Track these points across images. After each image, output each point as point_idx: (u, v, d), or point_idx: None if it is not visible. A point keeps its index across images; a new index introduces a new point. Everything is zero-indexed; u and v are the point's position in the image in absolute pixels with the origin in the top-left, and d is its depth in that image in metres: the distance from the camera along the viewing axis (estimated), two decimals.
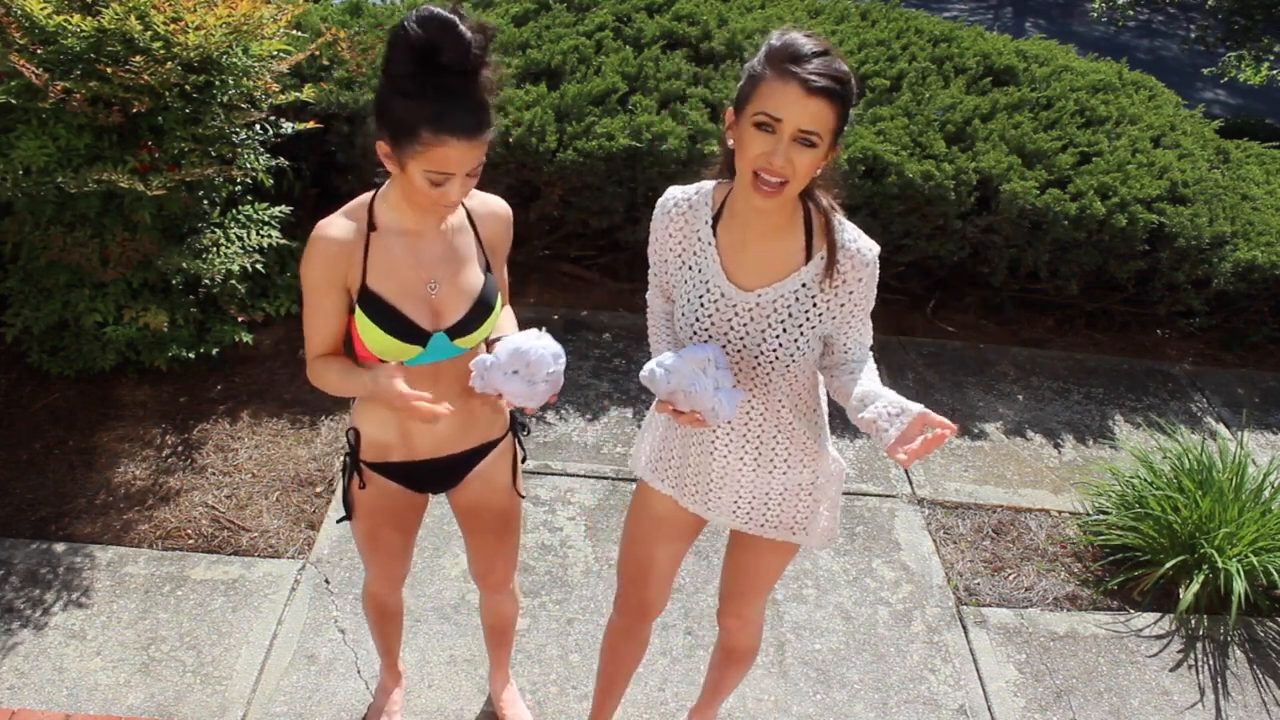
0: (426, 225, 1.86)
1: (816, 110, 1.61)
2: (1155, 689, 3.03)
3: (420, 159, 1.66)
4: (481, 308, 1.91)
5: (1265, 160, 5.36)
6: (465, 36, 1.60)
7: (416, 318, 1.86)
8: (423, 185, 1.70)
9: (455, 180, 1.70)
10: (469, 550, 2.31)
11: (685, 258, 1.88)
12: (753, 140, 1.65)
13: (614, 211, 4.18)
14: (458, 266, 1.89)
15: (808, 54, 1.61)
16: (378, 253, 1.83)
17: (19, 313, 3.37)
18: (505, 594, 2.39)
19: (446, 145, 1.64)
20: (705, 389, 1.74)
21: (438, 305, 1.88)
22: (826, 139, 1.64)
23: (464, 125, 1.64)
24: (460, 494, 2.17)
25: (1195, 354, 4.86)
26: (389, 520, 2.14)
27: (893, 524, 3.51)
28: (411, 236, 1.85)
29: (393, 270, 1.84)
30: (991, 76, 4.78)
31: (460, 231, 1.91)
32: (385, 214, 1.84)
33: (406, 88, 1.63)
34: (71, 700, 2.61)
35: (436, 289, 1.87)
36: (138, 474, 3.32)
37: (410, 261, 1.85)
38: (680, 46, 4.49)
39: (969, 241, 4.33)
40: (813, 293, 1.81)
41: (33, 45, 3.00)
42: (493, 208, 1.96)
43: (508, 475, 2.17)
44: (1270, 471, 3.55)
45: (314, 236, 1.81)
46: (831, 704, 2.84)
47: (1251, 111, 9.48)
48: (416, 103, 1.62)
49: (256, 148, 3.57)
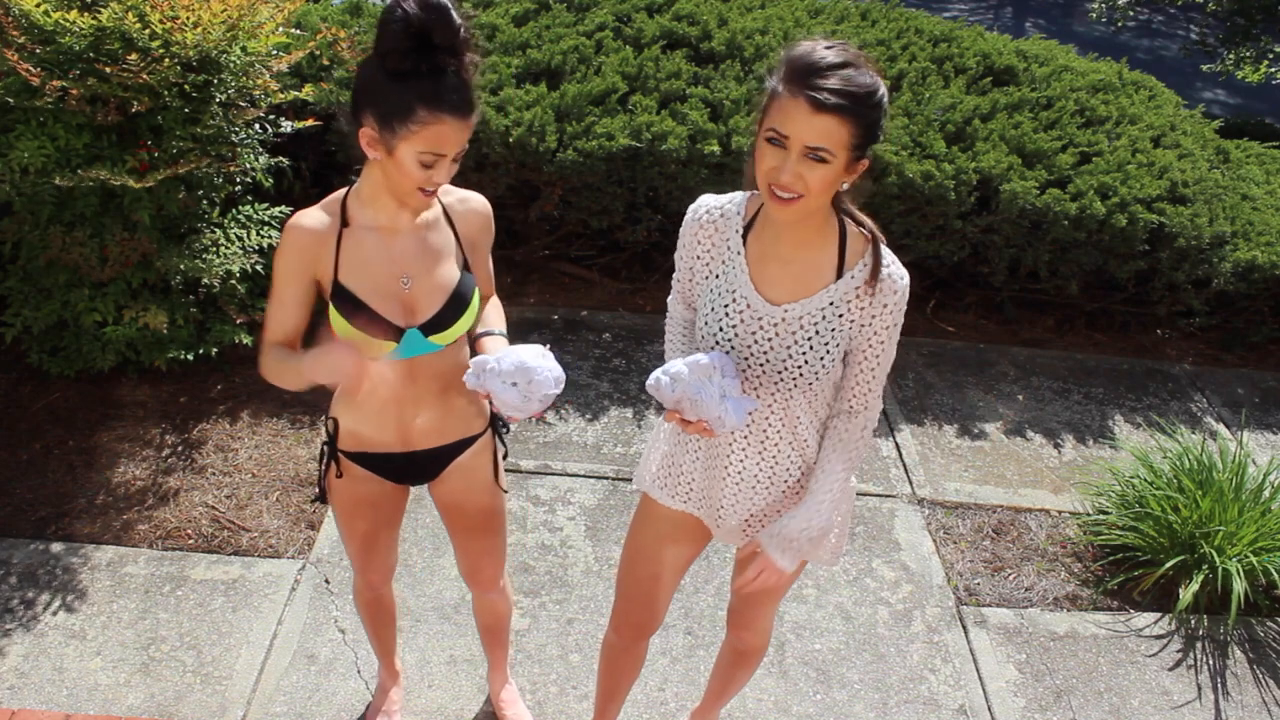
0: (401, 221, 1.87)
1: (825, 127, 1.58)
2: (1155, 689, 3.03)
3: (414, 139, 1.68)
4: (456, 304, 1.91)
5: (1265, 160, 5.36)
6: (456, 20, 1.65)
7: (388, 313, 1.87)
8: (412, 169, 1.71)
9: (444, 162, 1.72)
10: (456, 549, 2.31)
11: (713, 267, 1.86)
12: (764, 154, 1.65)
13: (614, 211, 4.18)
14: (432, 263, 1.89)
15: (823, 67, 1.58)
16: (350, 248, 1.85)
17: (18, 313, 3.37)
18: (496, 592, 2.38)
19: (442, 123, 1.67)
20: (711, 397, 1.72)
21: (411, 301, 1.89)
22: (840, 154, 1.61)
23: (458, 103, 1.67)
24: (441, 490, 2.17)
25: (1195, 354, 4.86)
26: (367, 511, 2.14)
27: (893, 524, 3.51)
28: (385, 233, 1.86)
29: (365, 266, 1.85)
30: (991, 76, 4.78)
31: (435, 228, 1.91)
32: (358, 210, 1.86)
33: (401, 67, 1.65)
34: (71, 700, 2.61)
35: (410, 284, 1.88)
36: (138, 474, 3.32)
37: (383, 257, 1.86)
38: (680, 46, 4.49)
39: (969, 241, 4.33)
40: (840, 311, 1.79)
41: (31, 44, 3.00)
42: (471, 204, 1.96)
43: (489, 471, 2.17)
44: (1270, 471, 3.56)
45: (288, 225, 1.84)
46: (831, 704, 2.84)
47: (1251, 111, 9.49)
48: (412, 82, 1.65)
49: (256, 147, 3.57)
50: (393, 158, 1.72)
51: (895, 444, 3.90)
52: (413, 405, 1.99)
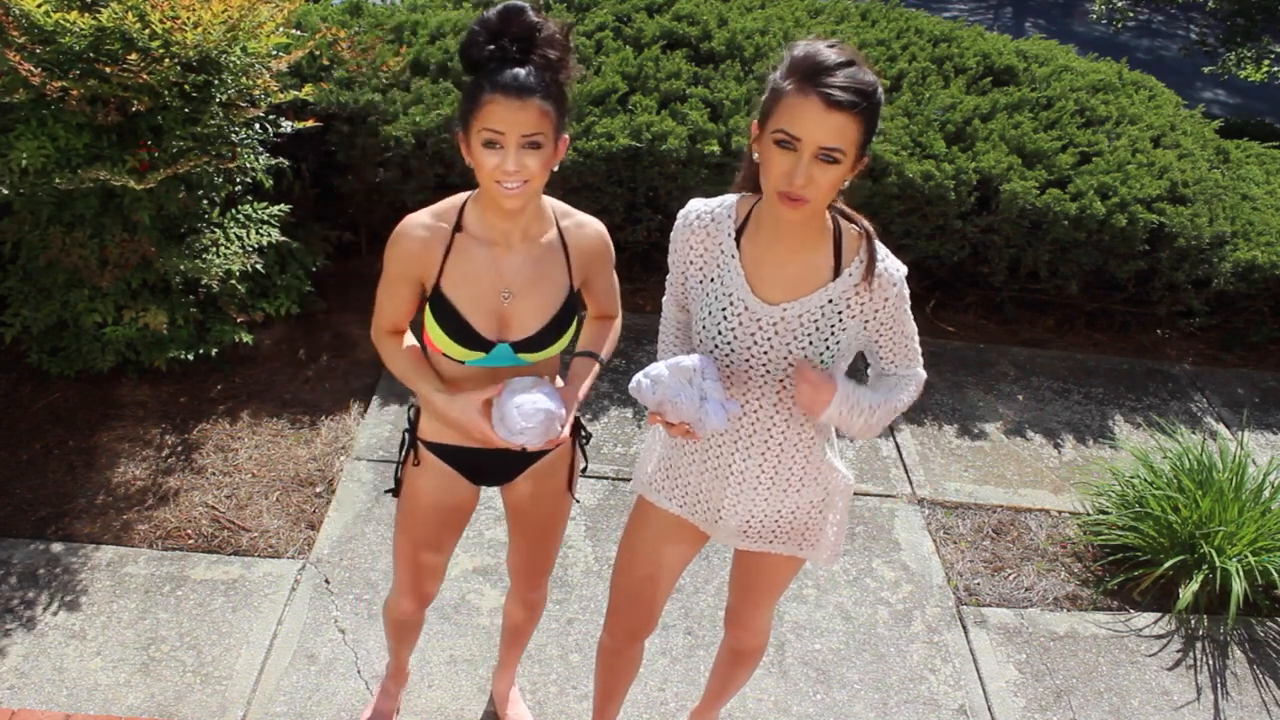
0: (512, 236, 1.87)
1: (838, 126, 1.57)
2: (1155, 689, 3.03)
3: (476, 121, 1.71)
4: (554, 328, 1.92)
5: (1265, 160, 5.36)
6: (533, 18, 1.70)
7: (483, 326, 1.88)
8: (480, 156, 1.72)
9: (510, 150, 1.71)
10: (511, 543, 2.31)
11: (707, 270, 1.86)
12: (774, 159, 1.63)
13: (614, 211, 4.18)
14: (537, 282, 1.89)
15: (830, 66, 1.57)
16: (457, 256, 1.86)
17: (18, 313, 3.37)
18: (535, 592, 2.38)
19: (495, 102, 1.68)
20: (690, 399, 1.72)
21: (508, 316, 1.89)
22: (851, 154, 1.61)
23: (512, 83, 1.69)
24: (513, 491, 2.17)
25: (1195, 354, 4.86)
26: (432, 512, 2.12)
27: (893, 524, 3.51)
28: (495, 247, 1.87)
29: (468, 276, 1.86)
30: (991, 76, 4.78)
31: (548, 249, 1.91)
32: (473, 219, 1.87)
33: (473, 57, 1.71)
34: (71, 700, 2.61)
35: (510, 299, 1.88)
36: (137, 474, 3.32)
37: (488, 269, 1.86)
38: (680, 46, 4.49)
39: (969, 241, 4.33)
40: (839, 309, 1.79)
41: (31, 44, 3.00)
42: (586, 229, 1.95)
43: (563, 478, 2.17)
44: (1270, 471, 3.56)
45: (397, 232, 1.87)
46: (831, 704, 2.84)
47: (1251, 111, 9.49)
48: (482, 70, 1.71)
49: (256, 147, 3.57)
50: (470, 153, 1.75)
51: (895, 444, 3.90)
52: None
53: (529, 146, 1.71)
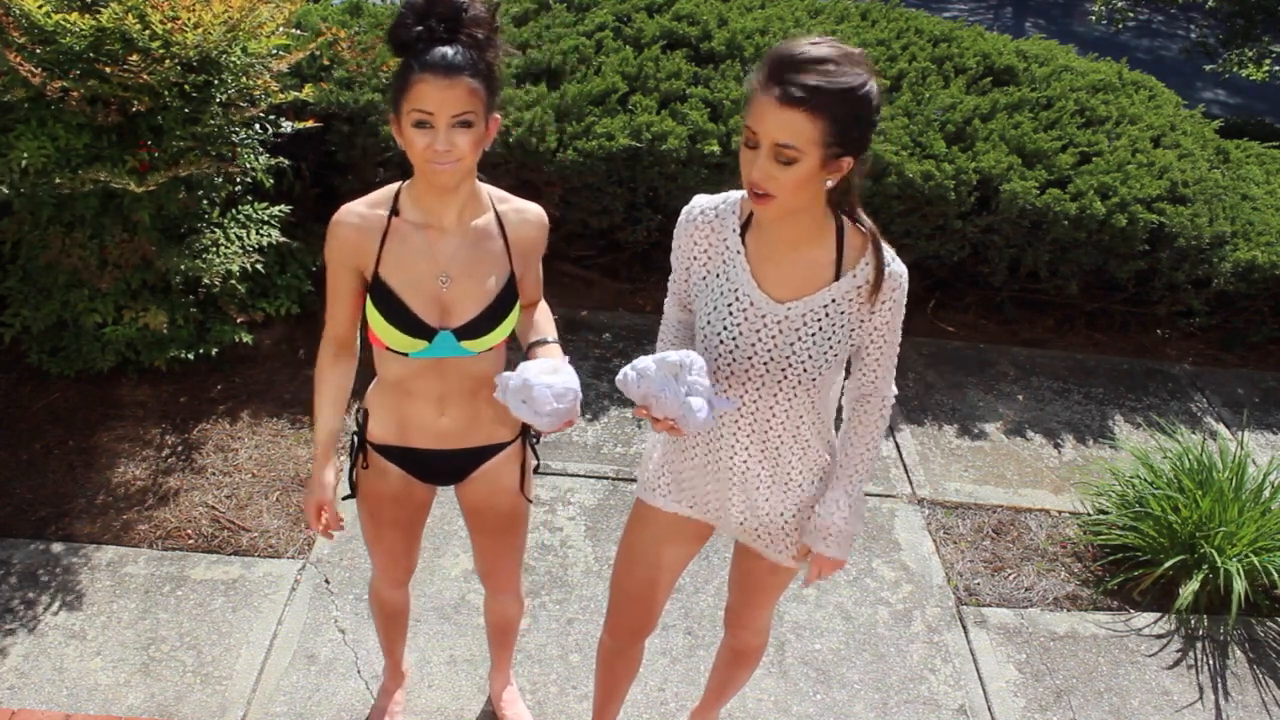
0: (446, 219, 1.87)
1: (791, 122, 1.54)
2: (1155, 689, 3.03)
3: (406, 102, 1.71)
4: (494, 313, 1.91)
5: (1265, 160, 5.36)
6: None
7: (423, 312, 1.87)
8: (411, 136, 1.73)
9: (440, 129, 1.71)
10: (474, 549, 2.31)
11: (711, 267, 1.85)
12: (742, 153, 1.64)
13: (614, 211, 4.18)
14: (475, 267, 1.89)
15: (800, 62, 1.54)
16: (394, 242, 1.86)
17: (18, 313, 3.37)
18: (509, 595, 2.39)
19: (424, 81, 1.69)
20: (674, 394, 1.69)
21: (447, 302, 1.89)
22: (811, 151, 1.57)
23: (440, 62, 1.69)
24: (466, 491, 2.18)
25: (1195, 354, 4.86)
26: (391, 507, 2.14)
27: (893, 524, 3.51)
28: (431, 231, 1.87)
29: (405, 261, 1.86)
30: (991, 76, 4.78)
31: (485, 234, 1.91)
32: (408, 205, 1.88)
33: (400, 38, 1.71)
34: (71, 700, 2.61)
35: (448, 284, 1.88)
36: (137, 474, 3.32)
37: (424, 254, 1.87)
38: (680, 46, 4.49)
39: (969, 241, 4.33)
40: (843, 308, 1.80)
41: (31, 44, 3.00)
42: (526, 215, 1.96)
43: (515, 478, 2.16)
44: (1270, 471, 3.55)
45: (333, 221, 1.88)
46: (831, 704, 2.84)
47: (1251, 111, 9.49)
48: (409, 51, 1.71)
49: (256, 147, 3.57)
50: (402, 134, 1.75)
51: (895, 444, 3.90)
52: (439, 404, 1.99)
53: (459, 125, 1.72)
